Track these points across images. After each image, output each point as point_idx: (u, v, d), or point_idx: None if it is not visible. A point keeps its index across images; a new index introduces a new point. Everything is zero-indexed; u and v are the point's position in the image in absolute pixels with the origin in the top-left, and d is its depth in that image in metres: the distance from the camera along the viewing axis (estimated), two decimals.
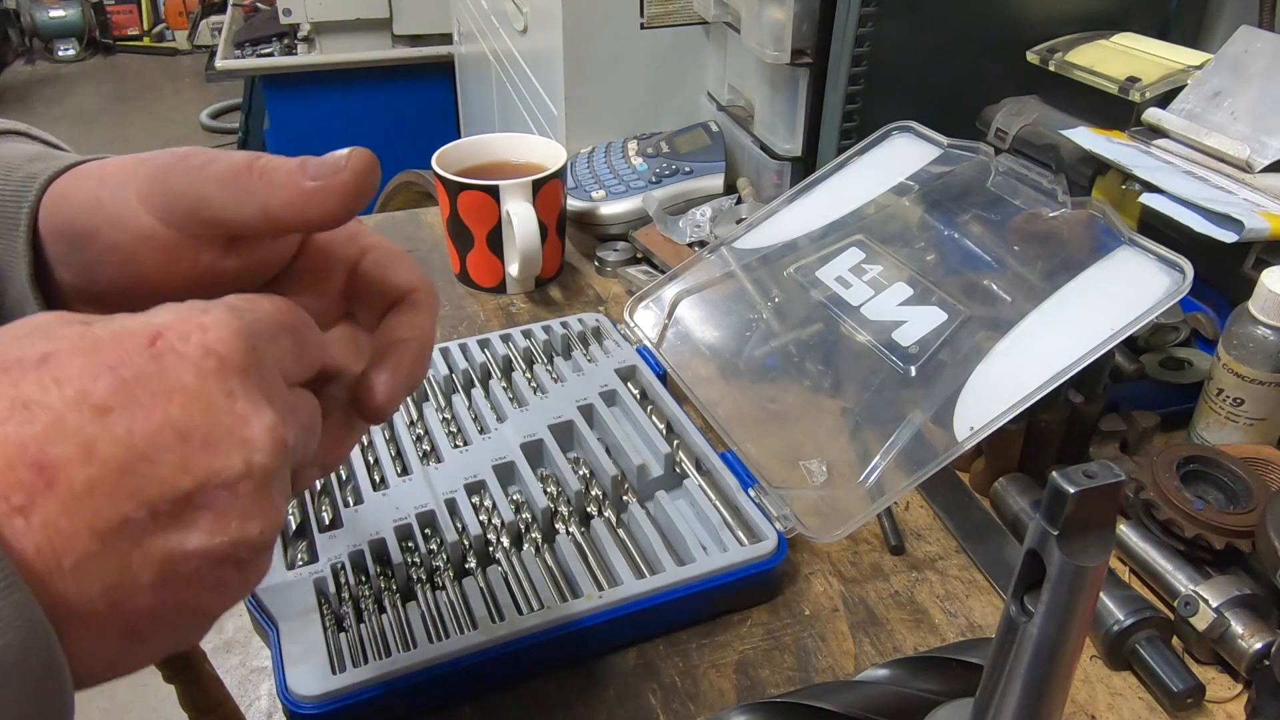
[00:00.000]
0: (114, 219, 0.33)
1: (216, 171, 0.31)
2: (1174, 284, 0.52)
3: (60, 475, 0.23)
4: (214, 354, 0.26)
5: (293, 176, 0.31)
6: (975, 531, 0.57)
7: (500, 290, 0.82)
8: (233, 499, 0.26)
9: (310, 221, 0.32)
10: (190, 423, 0.25)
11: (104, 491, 0.23)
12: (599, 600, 0.48)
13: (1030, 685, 0.32)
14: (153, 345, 0.26)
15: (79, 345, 0.25)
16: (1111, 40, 0.77)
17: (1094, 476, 0.28)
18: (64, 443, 0.23)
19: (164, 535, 0.25)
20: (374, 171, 0.32)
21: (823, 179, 0.71)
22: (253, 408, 0.26)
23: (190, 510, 0.25)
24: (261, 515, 0.26)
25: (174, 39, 4.82)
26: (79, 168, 0.35)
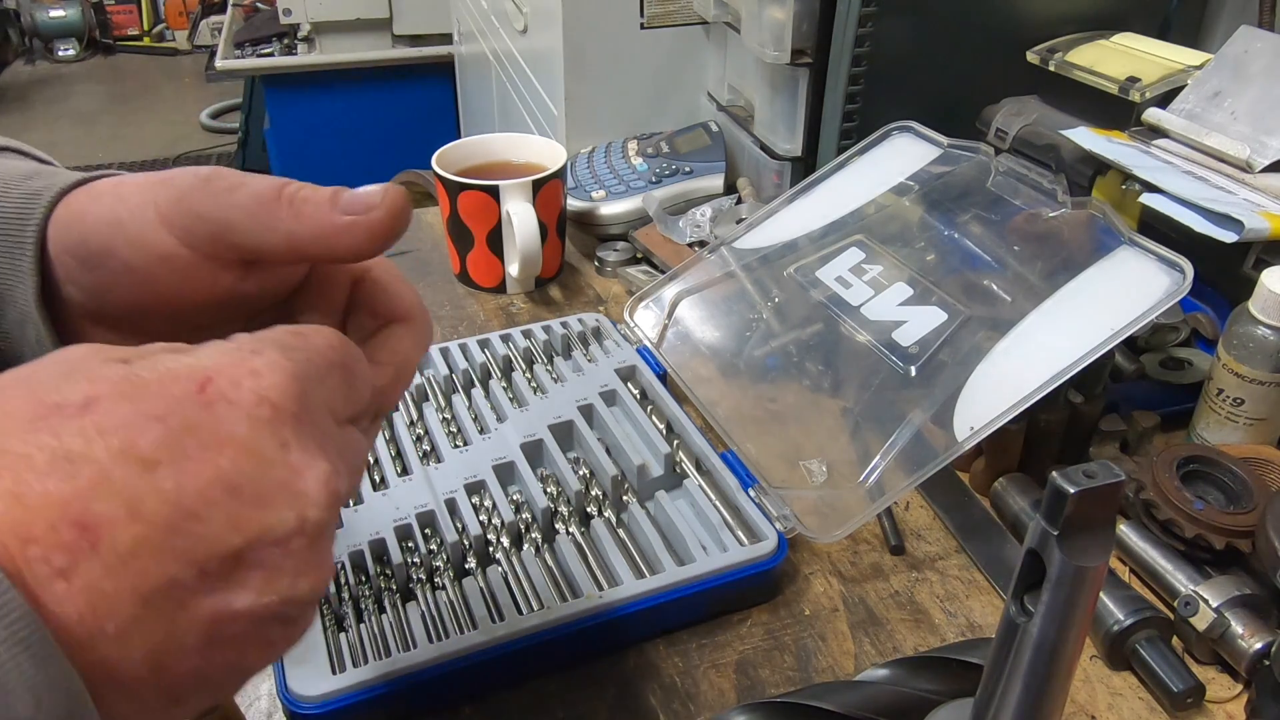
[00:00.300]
0: (132, 238, 0.32)
1: (243, 197, 0.31)
2: (1174, 284, 0.52)
3: (104, 535, 0.22)
4: (267, 401, 0.25)
5: (323, 209, 0.30)
6: (975, 531, 0.57)
7: (500, 290, 0.82)
8: (284, 556, 0.24)
9: (337, 255, 0.31)
10: (242, 477, 0.24)
11: (150, 552, 0.22)
12: (599, 600, 0.48)
13: (1030, 685, 0.32)
14: (202, 392, 0.24)
15: (123, 390, 0.24)
16: (1111, 40, 0.77)
17: (1094, 476, 0.28)
18: (109, 500, 0.22)
19: (211, 596, 0.23)
20: (407, 210, 0.31)
21: (823, 179, 0.71)
22: (307, 458, 0.25)
23: (240, 569, 0.24)
24: (313, 571, 0.25)
25: (174, 39, 4.82)
26: (93, 185, 0.34)
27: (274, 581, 0.24)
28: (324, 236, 0.30)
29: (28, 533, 0.21)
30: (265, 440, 0.24)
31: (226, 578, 0.23)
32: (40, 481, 0.22)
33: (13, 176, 0.34)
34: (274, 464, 0.24)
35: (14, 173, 0.34)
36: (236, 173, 0.31)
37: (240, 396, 0.25)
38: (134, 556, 0.22)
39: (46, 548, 0.21)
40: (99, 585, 0.21)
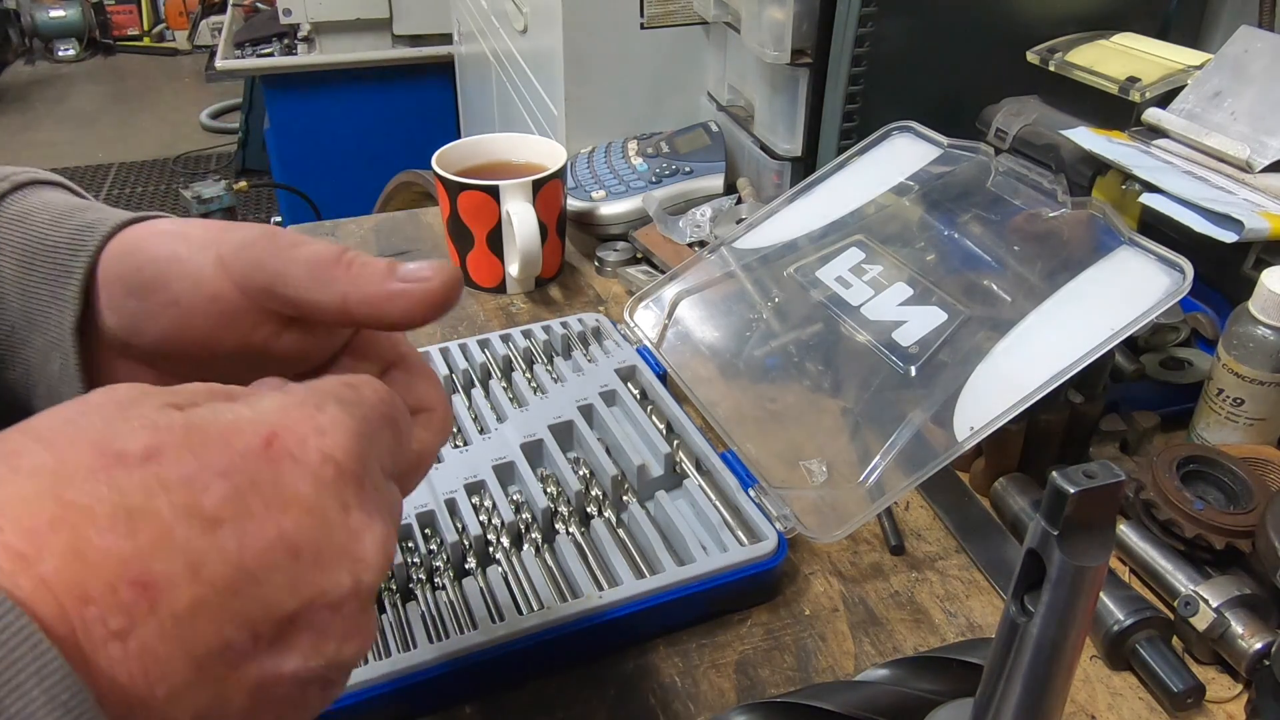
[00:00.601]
0: (188, 273, 0.32)
1: (303, 254, 0.31)
2: (1174, 284, 0.52)
3: (164, 597, 0.21)
4: (332, 461, 0.25)
5: (379, 275, 0.31)
6: (975, 531, 0.57)
7: (500, 290, 0.82)
8: (334, 619, 0.24)
9: (386, 322, 0.31)
10: (303, 538, 0.23)
11: (208, 614, 0.21)
12: (599, 600, 0.48)
13: (1030, 685, 0.32)
14: (268, 448, 0.24)
15: (187, 442, 0.23)
16: (1111, 40, 0.77)
17: (1094, 476, 0.28)
18: (170, 559, 0.21)
19: (261, 659, 0.23)
20: (459, 287, 0.32)
21: (823, 179, 0.71)
22: (366, 521, 0.25)
23: (291, 632, 0.23)
24: (359, 635, 0.25)
25: (174, 39, 4.82)
26: (154, 221, 0.35)
27: (322, 645, 0.24)
28: (375, 300, 0.31)
29: (86, 592, 0.20)
30: (328, 501, 0.24)
31: (277, 641, 0.23)
32: (101, 537, 0.21)
33: (66, 208, 0.35)
34: (335, 526, 0.24)
35: (67, 205, 0.35)
36: (299, 234, 0.32)
37: (306, 455, 0.24)
38: (191, 619, 0.21)
39: (104, 608, 0.20)
40: (154, 648, 0.21)
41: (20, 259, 0.34)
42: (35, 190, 0.36)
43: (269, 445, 0.24)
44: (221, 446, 0.23)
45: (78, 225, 0.34)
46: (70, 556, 0.20)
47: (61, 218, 0.34)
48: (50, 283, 0.33)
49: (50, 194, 0.36)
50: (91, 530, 0.21)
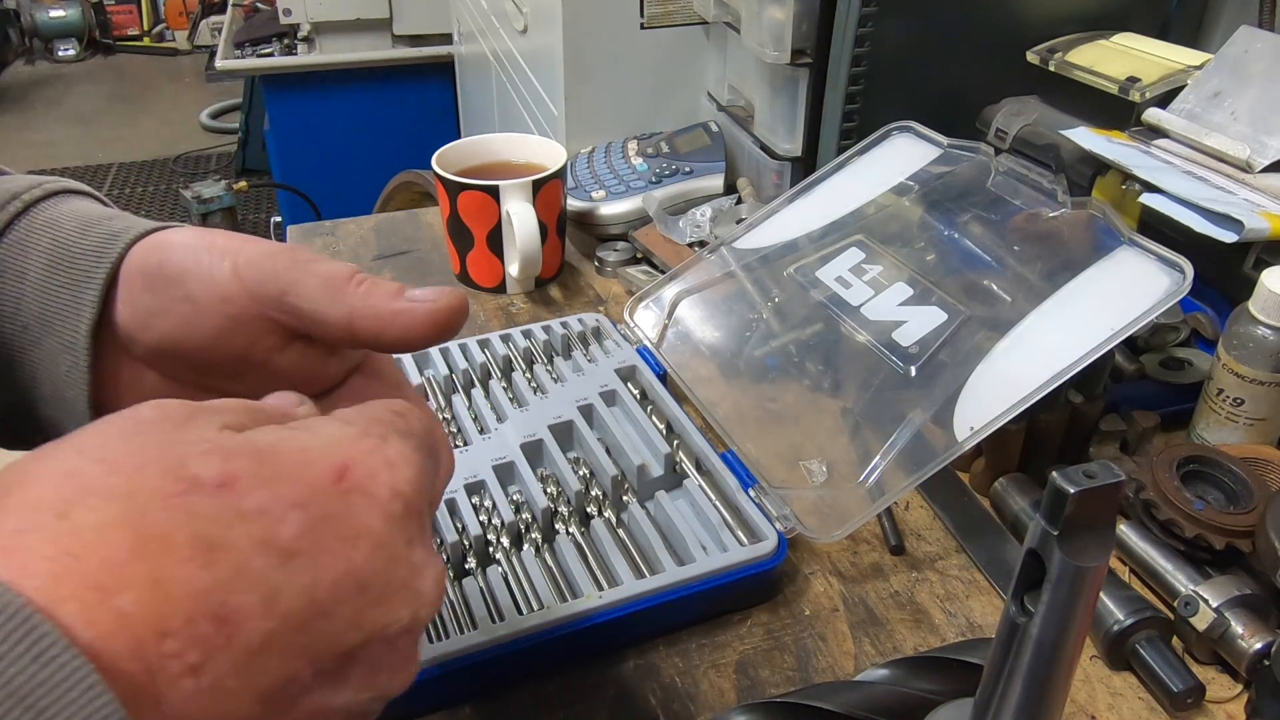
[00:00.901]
0: (203, 276, 0.33)
1: (319, 269, 0.32)
2: (1174, 284, 0.52)
3: (240, 630, 0.21)
4: (401, 497, 0.25)
5: (387, 295, 0.32)
6: (975, 531, 0.57)
7: (500, 290, 0.82)
8: (387, 653, 0.24)
9: (386, 339, 0.32)
10: (371, 573, 0.23)
11: (278, 649, 0.21)
12: (599, 600, 0.48)
13: (1030, 685, 0.32)
14: (340, 481, 0.24)
15: (260, 471, 0.23)
16: (1111, 40, 0.77)
17: (1094, 476, 0.28)
18: (247, 592, 0.21)
19: (318, 692, 0.23)
20: (464, 311, 0.32)
21: (823, 179, 0.71)
22: (428, 556, 0.25)
23: (349, 665, 0.23)
24: (406, 670, 0.25)
25: (174, 39, 4.82)
26: (181, 228, 0.36)
27: (374, 678, 0.24)
28: (379, 318, 0.32)
29: (165, 626, 0.20)
30: (395, 536, 0.24)
31: (334, 674, 0.23)
32: (180, 568, 0.20)
33: (95, 217, 0.35)
34: (400, 562, 0.24)
35: (96, 214, 0.36)
36: (317, 254, 0.33)
37: (376, 489, 0.24)
38: (263, 653, 0.21)
39: (182, 643, 0.20)
40: (225, 683, 0.20)
41: (47, 263, 0.34)
42: (66, 199, 0.37)
43: (341, 478, 0.24)
44: (294, 477, 0.23)
45: (105, 233, 0.35)
46: (150, 588, 0.20)
47: (89, 225, 0.35)
48: (72, 287, 0.34)
49: (80, 203, 0.37)
50: (171, 560, 0.20)
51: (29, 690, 0.18)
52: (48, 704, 0.18)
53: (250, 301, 0.33)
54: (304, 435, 0.25)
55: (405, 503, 0.25)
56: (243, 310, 0.33)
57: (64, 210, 0.36)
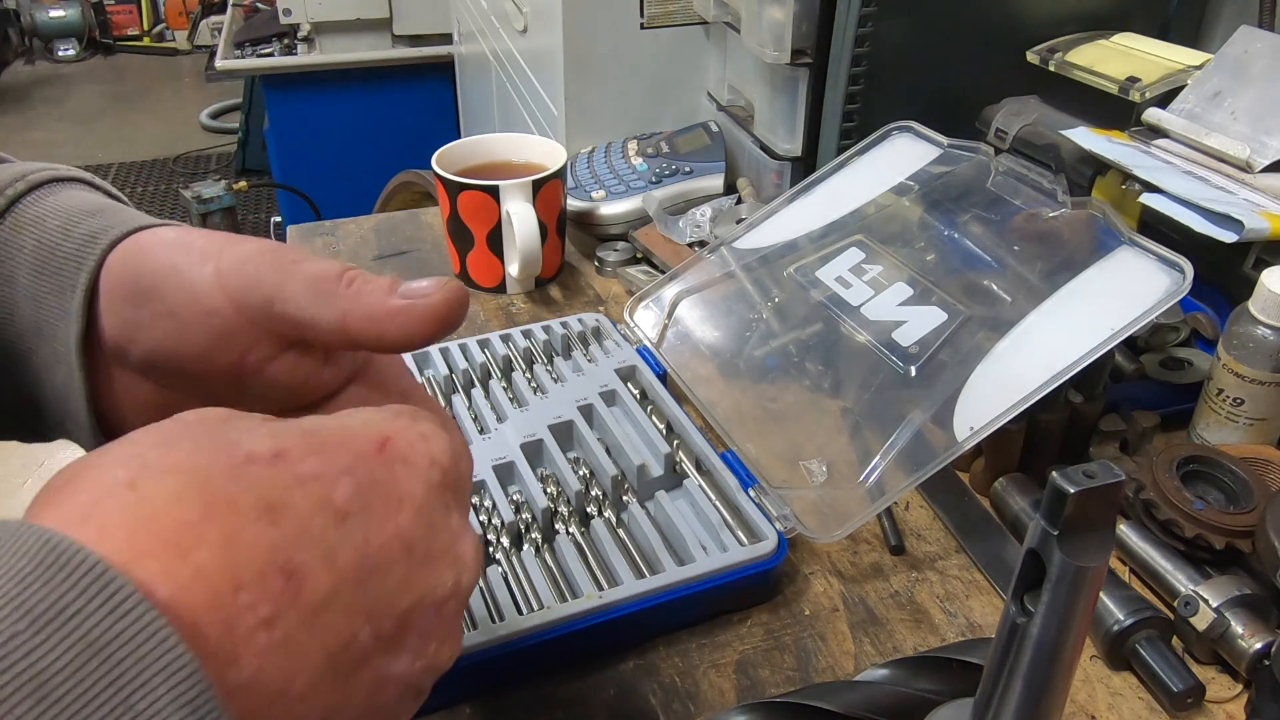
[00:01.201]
0: (183, 287, 0.32)
1: (304, 270, 0.31)
2: (1174, 284, 0.52)
3: (306, 584, 0.21)
4: (438, 465, 0.26)
5: (380, 292, 0.30)
6: (975, 531, 0.57)
7: (500, 290, 0.82)
8: (437, 620, 0.25)
9: (385, 340, 0.31)
10: (416, 535, 0.24)
11: (340, 606, 0.22)
12: (599, 600, 0.48)
13: (1030, 685, 0.32)
14: (382, 451, 0.25)
15: (309, 443, 0.24)
16: (1111, 40, 0.77)
17: (1094, 476, 0.28)
18: (310, 549, 0.22)
19: (379, 659, 0.23)
20: (464, 303, 0.31)
21: (823, 179, 0.71)
22: (464, 525, 0.26)
23: (405, 631, 0.24)
24: (453, 639, 0.25)
25: (174, 39, 4.82)
26: (159, 229, 0.34)
27: (425, 646, 0.24)
28: (376, 318, 0.30)
29: (239, 578, 0.21)
30: (435, 502, 0.25)
31: (395, 640, 0.23)
32: (250, 527, 0.21)
33: (78, 212, 0.34)
34: (440, 527, 0.25)
35: (80, 208, 0.34)
36: (303, 251, 0.32)
37: (416, 458, 0.25)
38: (326, 609, 0.22)
39: (256, 595, 0.21)
40: (296, 637, 0.21)
41: (32, 267, 0.33)
42: (52, 190, 0.35)
43: (383, 448, 0.25)
44: (340, 446, 0.24)
45: (84, 234, 0.33)
46: (223, 545, 0.21)
47: (71, 224, 0.33)
48: (58, 294, 0.33)
49: (66, 194, 0.35)
50: (240, 520, 0.21)
51: (105, 643, 0.18)
52: (123, 655, 0.18)
53: (236, 313, 0.31)
54: (342, 417, 0.26)
55: (443, 471, 0.26)
56: (229, 323, 0.31)
57: (49, 205, 0.34)
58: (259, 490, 0.22)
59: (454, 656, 0.26)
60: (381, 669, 0.23)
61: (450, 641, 0.25)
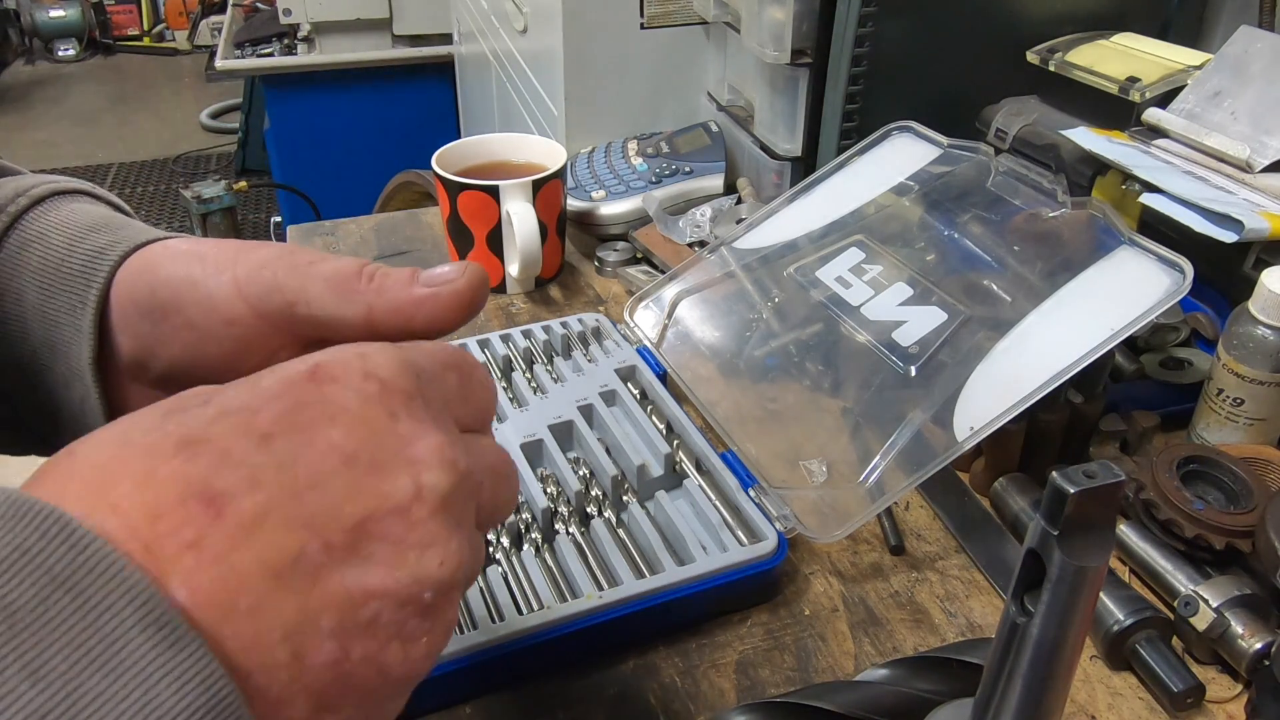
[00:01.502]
0: (203, 298, 0.32)
1: (323, 270, 0.31)
2: (1174, 284, 0.52)
3: (229, 505, 0.22)
4: (374, 377, 0.25)
5: (402, 283, 0.31)
6: (975, 531, 0.57)
7: (500, 290, 0.82)
8: (407, 526, 0.24)
9: (413, 329, 0.31)
10: (355, 445, 0.24)
11: (275, 522, 0.22)
12: (599, 600, 0.48)
13: (1030, 685, 0.32)
14: (313, 376, 0.25)
15: (241, 384, 0.25)
16: (1111, 40, 0.77)
17: (1094, 476, 0.28)
18: (231, 472, 0.22)
19: (341, 571, 0.23)
20: (486, 285, 0.32)
21: (823, 179, 0.71)
22: (418, 428, 0.25)
23: (365, 541, 0.23)
24: (440, 545, 0.25)
25: (174, 39, 4.82)
26: (168, 241, 0.34)
27: (401, 555, 0.24)
28: (402, 308, 0.31)
29: (156, 510, 0.22)
30: (374, 411, 0.25)
31: (353, 551, 0.23)
32: (165, 464, 0.22)
33: (83, 228, 0.34)
34: (384, 433, 0.25)
35: (85, 222, 0.34)
36: (315, 251, 0.32)
37: (348, 375, 0.25)
38: (258, 526, 0.22)
39: (175, 522, 0.21)
40: (228, 557, 0.22)
41: (40, 285, 0.33)
42: (55, 205, 0.35)
43: (314, 373, 0.25)
44: (272, 382, 0.25)
45: (91, 250, 0.33)
46: (138, 482, 0.22)
47: (76, 240, 0.34)
48: (67, 312, 0.33)
49: (69, 208, 0.35)
50: (157, 459, 0.22)
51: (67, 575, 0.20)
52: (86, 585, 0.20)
53: (257, 320, 0.31)
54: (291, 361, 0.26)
55: (380, 382, 0.25)
56: (251, 330, 0.32)
57: (53, 220, 0.34)
58: (182, 430, 0.23)
59: (449, 566, 0.25)
60: (349, 580, 0.23)
61: (435, 548, 0.25)
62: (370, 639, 0.24)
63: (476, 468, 0.27)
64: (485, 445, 0.29)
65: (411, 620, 0.24)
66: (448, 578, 0.25)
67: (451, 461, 0.25)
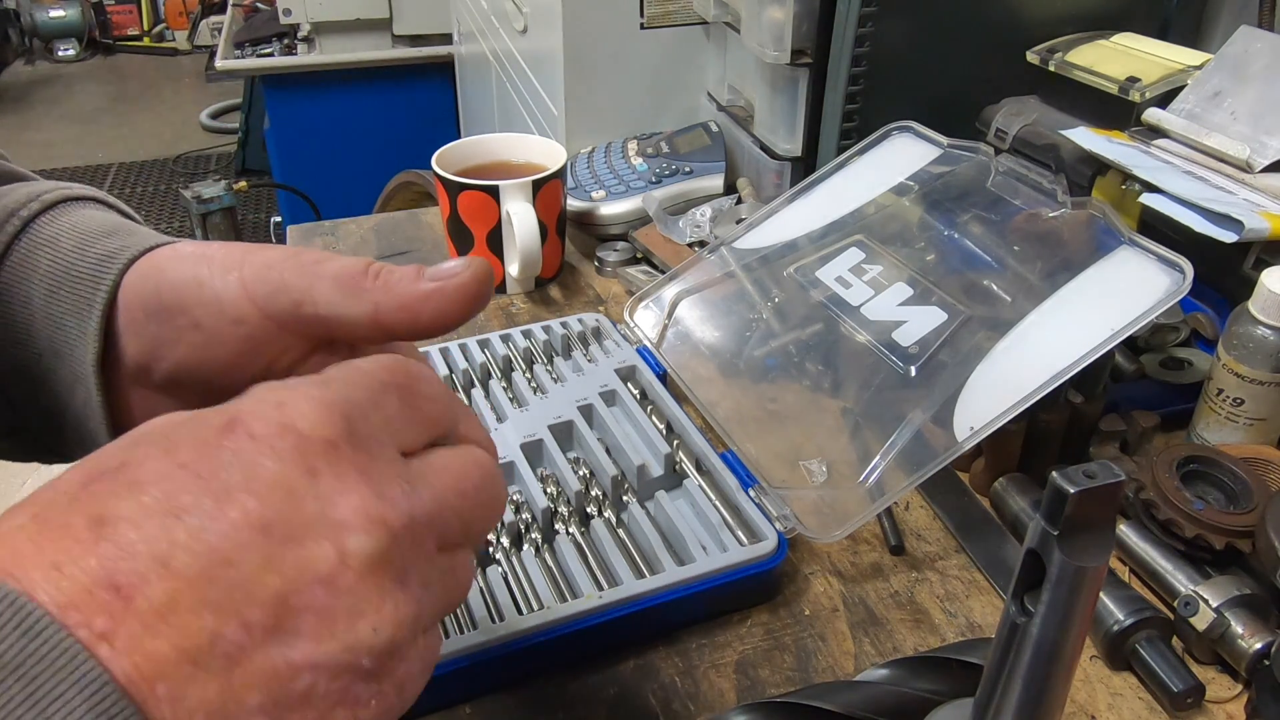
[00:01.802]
0: (209, 299, 0.32)
1: (329, 269, 0.31)
2: (1174, 284, 0.52)
3: (138, 592, 0.21)
4: (292, 430, 0.24)
5: (408, 279, 0.31)
6: (975, 531, 0.57)
7: (500, 290, 0.82)
8: (332, 595, 0.23)
9: (420, 324, 0.31)
10: (271, 514, 0.23)
11: (187, 605, 0.21)
12: (599, 600, 0.48)
13: (1030, 685, 0.32)
14: (226, 434, 0.24)
15: (157, 446, 0.23)
16: (1111, 40, 0.77)
17: (1094, 476, 0.28)
18: (138, 557, 0.22)
19: (265, 648, 0.22)
20: (491, 279, 0.32)
21: (823, 179, 0.71)
22: (339, 485, 0.24)
23: (288, 615, 0.22)
24: (372, 610, 0.23)
25: (174, 39, 4.82)
26: (176, 245, 0.34)
27: (328, 626, 0.23)
28: (409, 304, 0.30)
29: (68, 600, 0.21)
30: (291, 471, 0.24)
31: (275, 626, 0.22)
32: (78, 547, 0.21)
33: (93, 233, 0.34)
34: (302, 495, 0.23)
35: (95, 228, 0.34)
36: (321, 251, 0.32)
37: (264, 430, 0.24)
38: (171, 612, 0.21)
39: (86, 613, 0.21)
40: (141, 645, 0.21)
41: (48, 288, 0.33)
42: (66, 210, 0.35)
43: (228, 430, 0.24)
44: (186, 442, 0.24)
45: (99, 255, 0.33)
46: (50, 570, 0.21)
47: (86, 244, 0.34)
48: (74, 315, 0.33)
49: (81, 213, 0.35)
50: (69, 542, 0.22)
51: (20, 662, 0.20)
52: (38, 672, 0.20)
53: (264, 319, 0.31)
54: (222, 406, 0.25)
55: (298, 435, 0.24)
56: (257, 329, 0.32)
57: (64, 225, 0.34)
58: (91, 509, 0.22)
59: (384, 629, 0.24)
60: (274, 656, 0.22)
61: (367, 615, 0.23)
62: (307, 710, 0.23)
63: (422, 506, 0.26)
64: (442, 463, 0.28)
65: (355, 686, 0.23)
66: (384, 642, 0.24)
67: (379, 519, 0.24)
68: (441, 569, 0.27)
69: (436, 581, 0.26)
